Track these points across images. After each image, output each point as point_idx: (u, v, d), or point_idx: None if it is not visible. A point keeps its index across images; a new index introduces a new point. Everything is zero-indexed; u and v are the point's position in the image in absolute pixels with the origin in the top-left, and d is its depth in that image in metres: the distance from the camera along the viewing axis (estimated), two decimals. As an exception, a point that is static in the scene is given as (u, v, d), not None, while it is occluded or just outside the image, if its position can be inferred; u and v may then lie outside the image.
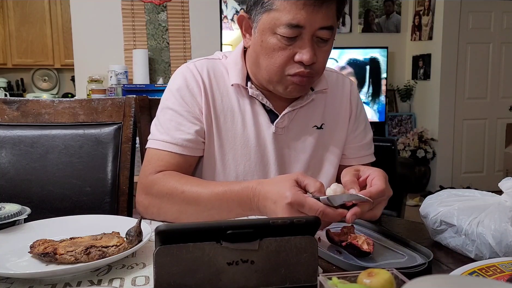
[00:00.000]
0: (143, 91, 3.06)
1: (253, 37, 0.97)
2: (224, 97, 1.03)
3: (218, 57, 1.09)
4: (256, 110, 1.04)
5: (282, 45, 0.91)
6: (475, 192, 0.83)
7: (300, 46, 0.91)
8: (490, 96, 4.74)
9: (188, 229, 0.60)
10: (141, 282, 0.66)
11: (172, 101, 1.02)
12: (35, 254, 0.72)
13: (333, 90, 1.10)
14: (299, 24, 0.89)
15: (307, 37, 0.91)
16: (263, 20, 0.93)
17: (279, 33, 0.90)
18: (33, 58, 5.17)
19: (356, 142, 1.11)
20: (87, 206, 1.13)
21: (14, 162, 1.15)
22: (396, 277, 0.52)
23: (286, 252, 0.61)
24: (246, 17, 0.99)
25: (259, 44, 0.95)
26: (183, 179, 0.94)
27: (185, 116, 1.00)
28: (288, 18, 0.88)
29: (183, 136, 0.99)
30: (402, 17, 5.03)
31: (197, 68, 1.04)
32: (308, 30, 0.90)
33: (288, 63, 0.93)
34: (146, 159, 1.02)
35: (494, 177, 4.55)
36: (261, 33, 0.94)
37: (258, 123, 1.04)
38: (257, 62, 0.98)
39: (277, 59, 0.93)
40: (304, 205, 0.75)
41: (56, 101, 1.22)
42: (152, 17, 3.49)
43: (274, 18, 0.90)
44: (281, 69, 0.94)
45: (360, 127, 1.12)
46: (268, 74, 0.96)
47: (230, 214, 0.87)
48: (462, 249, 0.77)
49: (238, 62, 1.04)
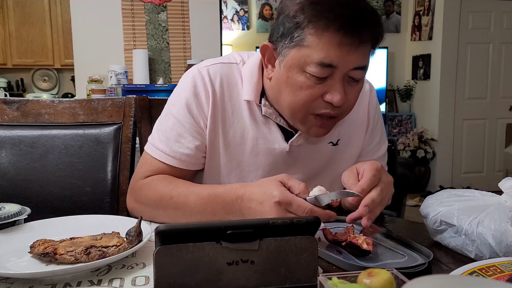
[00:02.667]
0: (143, 91, 3.06)
1: (277, 70, 0.89)
2: (235, 110, 0.97)
3: (236, 61, 1.00)
4: (269, 127, 0.98)
5: (310, 84, 0.84)
6: (475, 192, 0.83)
7: (330, 85, 0.84)
8: (490, 96, 4.75)
9: (188, 229, 0.60)
10: (141, 282, 0.66)
11: (178, 109, 0.97)
12: (35, 254, 0.72)
13: None
14: (332, 64, 0.82)
15: (338, 77, 0.83)
16: (291, 56, 0.85)
17: (309, 71, 0.83)
18: (33, 58, 5.17)
19: (370, 155, 1.07)
20: (87, 206, 1.13)
21: (14, 162, 1.15)
22: (396, 277, 0.52)
23: (286, 252, 0.61)
24: (271, 47, 0.90)
25: (284, 80, 0.87)
26: (171, 184, 0.92)
27: (187, 128, 0.96)
28: (321, 57, 0.81)
29: (182, 150, 0.96)
30: (402, 17, 5.04)
31: (210, 75, 0.96)
32: (341, 70, 0.83)
33: (314, 102, 0.86)
34: (141, 162, 1.01)
35: (494, 177, 4.56)
36: (288, 69, 0.86)
37: (270, 140, 0.98)
38: (280, 97, 0.90)
39: (304, 97, 0.85)
40: (292, 203, 0.75)
41: (56, 101, 1.22)
42: (152, 17, 3.49)
43: (305, 55, 0.83)
44: (306, 108, 0.87)
45: (376, 140, 1.08)
46: (290, 111, 0.89)
47: (215, 217, 0.86)
48: (462, 249, 0.77)
49: (254, 74, 0.96)
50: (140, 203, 0.96)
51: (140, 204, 0.96)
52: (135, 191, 0.98)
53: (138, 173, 0.99)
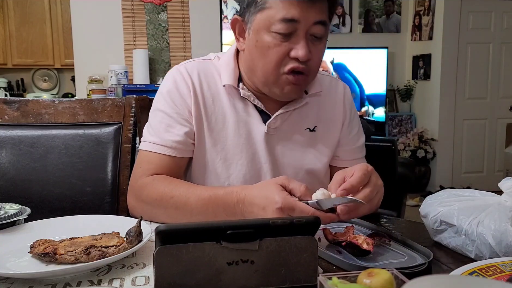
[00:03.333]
0: (143, 91, 3.06)
1: (248, 39, 0.98)
2: (215, 98, 1.04)
3: (210, 58, 1.09)
4: (248, 110, 1.04)
5: (277, 42, 0.92)
6: (475, 192, 0.83)
7: (295, 42, 0.92)
8: (490, 96, 4.74)
9: (188, 229, 0.60)
10: (141, 282, 0.66)
11: (162, 103, 1.03)
12: (35, 254, 0.72)
13: (326, 93, 1.10)
14: (294, 18, 0.90)
15: (301, 33, 0.92)
16: (257, 20, 0.94)
17: (274, 30, 0.91)
18: (33, 58, 5.17)
19: (350, 145, 1.12)
20: (87, 206, 1.13)
21: (14, 162, 1.15)
22: (396, 277, 0.52)
23: (286, 252, 0.61)
24: (239, 20, 1.00)
25: (254, 44, 0.95)
26: (172, 184, 0.95)
27: (174, 117, 1.01)
28: (283, 14, 0.90)
29: (172, 138, 1.00)
30: (402, 17, 5.03)
31: (187, 70, 1.04)
32: (303, 25, 0.91)
33: (283, 60, 0.93)
34: (137, 162, 1.03)
35: (494, 177, 4.55)
36: (256, 33, 0.95)
37: (250, 123, 1.04)
38: (253, 65, 0.98)
39: (273, 56, 0.93)
40: (295, 209, 0.75)
41: (56, 101, 1.22)
42: (152, 17, 3.49)
43: (269, 16, 0.92)
44: (276, 67, 0.94)
45: (354, 131, 1.13)
46: (264, 74, 0.96)
47: (216, 218, 0.87)
48: (462, 249, 0.77)
49: (231, 62, 1.04)
50: (141, 202, 0.97)
51: (141, 202, 0.97)
52: (135, 190, 0.99)
53: (137, 173, 1.01)
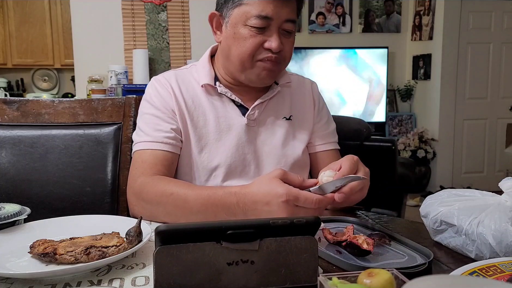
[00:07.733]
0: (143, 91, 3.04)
1: (225, 32, 1.07)
2: (194, 98, 1.11)
3: (186, 67, 1.18)
4: (226, 105, 1.12)
5: (252, 34, 1.02)
6: (475, 192, 0.83)
7: (268, 35, 1.02)
8: (491, 96, 4.74)
9: (188, 229, 0.60)
10: (141, 282, 0.66)
11: (147, 107, 1.10)
12: (35, 254, 0.72)
13: (296, 86, 1.22)
14: (268, 16, 1.00)
15: (274, 28, 1.02)
16: (234, 15, 1.04)
17: (250, 24, 1.01)
18: (33, 58, 5.17)
19: (322, 130, 1.21)
20: (87, 206, 1.13)
21: (14, 162, 1.15)
22: (396, 277, 0.52)
23: (286, 252, 0.61)
24: (217, 14, 1.09)
25: (232, 36, 1.05)
26: (171, 182, 0.97)
27: (160, 117, 1.07)
28: (258, 11, 1.00)
29: (162, 134, 1.05)
30: (402, 17, 5.03)
31: (165, 78, 1.13)
32: (275, 21, 1.01)
33: (258, 50, 1.03)
34: (132, 164, 1.06)
35: (495, 177, 4.56)
36: (233, 26, 1.04)
37: (230, 117, 1.11)
38: (230, 54, 1.06)
39: (249, 46, 1.02)
40: (299, 198, 0.78)
41: (56, 101, 1.22)
42: (152, 17, 3.49)
43: (245, 12, 1.01)
44: (252, 55, 1.04)
45: (324, 119, 1.23)
46: (240, 61, 1.05)
47: (216, 218, 0.88)
48: (462, 249, 0.77)
49: (206, 65, 1.14)
50: (142, 200, 0.98)
51: (141, 201, 0.98)
52: (135, 189, 1.00)
53: (134, 173, 1.03)
